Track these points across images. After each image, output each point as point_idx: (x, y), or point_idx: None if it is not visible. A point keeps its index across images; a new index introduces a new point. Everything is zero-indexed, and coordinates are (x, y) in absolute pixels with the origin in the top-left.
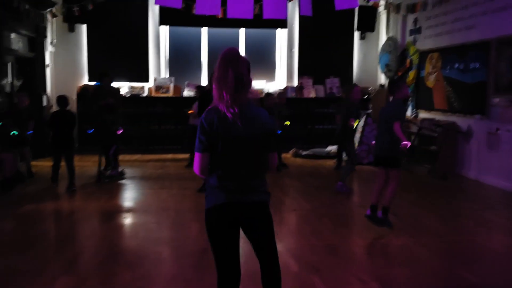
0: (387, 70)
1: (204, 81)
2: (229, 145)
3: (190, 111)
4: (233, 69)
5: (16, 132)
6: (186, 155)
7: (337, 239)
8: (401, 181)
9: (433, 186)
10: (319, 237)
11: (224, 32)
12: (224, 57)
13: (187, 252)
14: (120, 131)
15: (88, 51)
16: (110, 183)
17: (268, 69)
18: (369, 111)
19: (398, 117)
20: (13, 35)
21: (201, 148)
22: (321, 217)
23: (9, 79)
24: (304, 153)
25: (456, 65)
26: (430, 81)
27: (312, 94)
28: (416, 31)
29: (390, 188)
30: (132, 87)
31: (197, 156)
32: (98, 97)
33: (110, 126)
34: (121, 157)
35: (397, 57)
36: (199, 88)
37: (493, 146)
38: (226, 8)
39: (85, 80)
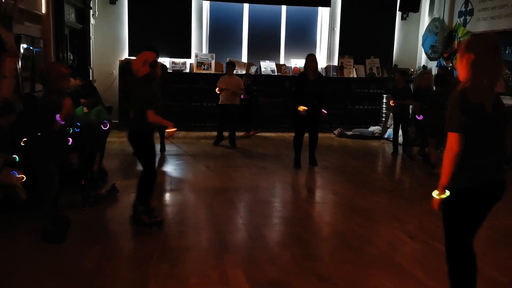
0: (432, 51)
1: (244, 59)
2: (485, 125)
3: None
4: (498, 56)
5: None
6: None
7: None
8: None
9: None
10: None
11: (265, 8)
12: (489, 42)
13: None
14: (107, 127)
15: (129, 25)
16: (98, 204)
17: (309, 47)
18: None
19: None
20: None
21: (461, 128)
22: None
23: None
24: (349, 133)
25: None
26: None
27: (353, 74)
28: (467, 12)
29: None
30: (174, 63)
31: (455, 137)
32: None
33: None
34: (168, 134)
35: (443, 38)
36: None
37: None
38: None
39: (126, 55)
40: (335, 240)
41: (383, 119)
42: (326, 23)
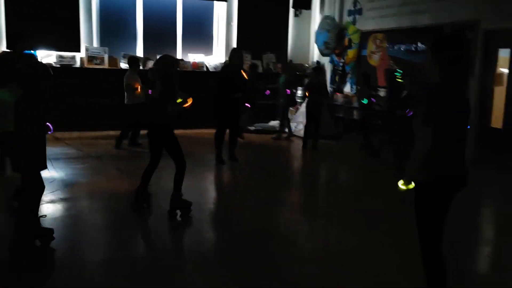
0: (325, 47)
1: (139, 53)
2: (458, 120)
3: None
4: (467, 53)
5: None
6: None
7: None
8: None
9: None
10: None
11: (160, 0)
12: (465, 41)
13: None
14: None
15: (6, 14)
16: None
17: (206, 42)
18: None
19: None
20: None
21: (435, 123)
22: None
23: None
24: (252, 128)
25: (404, 47)
26: (374, 60)
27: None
28: (356, 11)
29: None
30: (61, 57)
31: (430, 131)
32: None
33: None
34: (60, 135)
35: (335, 35)
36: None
37: None
38: None
39: (3, 47)
40: (283, 240)
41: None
42: (223, 18)
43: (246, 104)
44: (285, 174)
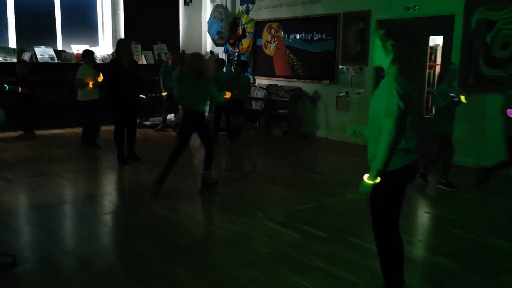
0: (218, 37)
1: (12, 44)
2: (415, 111)
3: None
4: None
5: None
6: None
7: None
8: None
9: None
10: None
11: None
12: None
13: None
14: None
15: None
16: None
17: (90, 32)
18: None
19: None
20: None
21: (405, 116)
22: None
23: None
24: (147, 123)
25: (300, 36)
26: (270, 50)
27: (142, 61)
28: (249, 0)
29: None
30: None
31: (394, 122)
32: None
33: None
34: None
35: (229, 25)
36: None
37: (342, 107)
38: None
39: None
40: (218, 244)
41: (180, 106)
42: (108, 6)
43: (141, 96)
44: (197, 171)
